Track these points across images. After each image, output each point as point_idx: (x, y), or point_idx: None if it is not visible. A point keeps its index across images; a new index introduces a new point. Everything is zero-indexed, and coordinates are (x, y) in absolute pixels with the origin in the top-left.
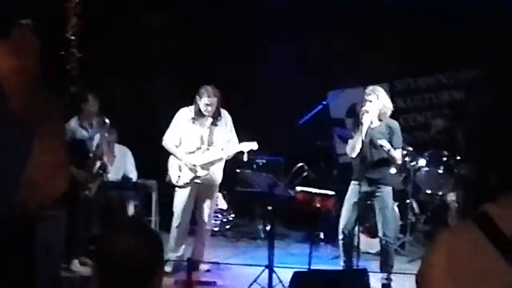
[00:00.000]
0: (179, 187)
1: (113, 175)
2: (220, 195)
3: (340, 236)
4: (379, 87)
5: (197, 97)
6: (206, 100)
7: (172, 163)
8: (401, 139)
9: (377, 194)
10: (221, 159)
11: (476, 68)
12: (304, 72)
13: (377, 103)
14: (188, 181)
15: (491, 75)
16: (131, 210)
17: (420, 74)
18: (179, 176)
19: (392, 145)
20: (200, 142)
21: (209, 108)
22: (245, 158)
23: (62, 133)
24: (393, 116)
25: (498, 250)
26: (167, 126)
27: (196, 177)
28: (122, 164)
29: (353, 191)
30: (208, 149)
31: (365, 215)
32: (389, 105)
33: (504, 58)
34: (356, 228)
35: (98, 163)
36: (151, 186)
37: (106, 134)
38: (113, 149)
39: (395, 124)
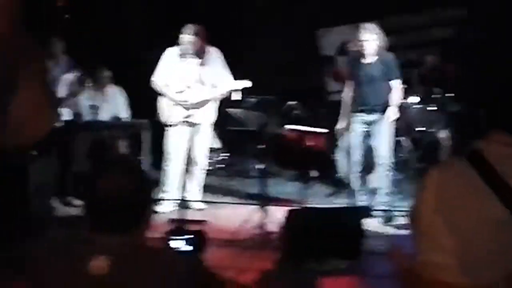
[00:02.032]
0: (170, 126)
1: (104, 114)
2: (213, 133)
3: (353, 169)
4: (372, 25)
5: (182, 34)
6: (187, 38)
7: (162, 102)
8: (398, 70)
9: (377, 122)
10: (214, 97)
11: (466, 4)
12: (294, 8)
13: (372, 41)
14: (180, 120)
15: (480, 10)
16: (122, 149)
17: (411, 11)
18: (169, 115)
19: (389, 78)
20: (190, 81)
21: (192, 46)
22: (238, 96)
23: (46, 72)
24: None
25: (489, 186)
26: (154, 64)
27: (188, 116)
28: (114, 103)
29: (358, 122)
30: (199, 87)
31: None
32: (383, 40)
33: None
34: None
35: (88, 102)
36: (142, 125)
37: (75, 73)
38: (105, 88)
39: (390, 57)
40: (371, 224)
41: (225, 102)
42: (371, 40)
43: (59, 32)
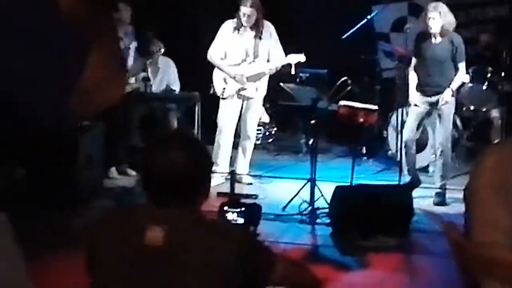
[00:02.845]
0: (224, 99)
1: (156, 86)
2: (263, 108)
3: (404, 147)
4: (441, 3)
5: (238, 8)
6: (244, 10)
7: (217, 75)
8: (464, 53)
9: (438, 104)
10: (268, 71)
11: None
12: None
13: (439, 20)
14: (234, 93)
15: None
16: (174, 121)
17: None
18: (224, 88)
19: (455, 60)
20: (245, 54)
21: (249, 19)
22: (292, 71)
23: (118, 44)
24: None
25: None
26: (211, 38)
27: (242, 89)
28: (166, 75)
29: (417, 101)
30: (254, 61)
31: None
32: (451, 20)
33: None
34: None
35: (140, 74)
36: (194, 98)
37: (135, 43)
38: (157, 60)
39: (458, 38)
40: (421, 203)
41: (277, 76)
42: (437, 19)
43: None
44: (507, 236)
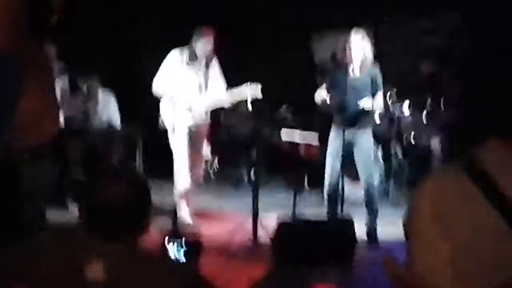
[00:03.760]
0: (173, 131)
1: (97, 120)
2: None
3: (326, 188)
4: (362, 33)
5: (194, 38)
6: (204, 41)
7: (166, 108)
8: (382, 84)
9: (359, 138)
10: (221, 103)
11: (460, 12)
12: (288, 14)
13: (360, 50)
14: (187, 127)
15: (475, 19)
16: (115, 155)
17: (405, 19)
18: (174, 121)
19: (373, 92)
20: (198, 86)
21: (207, 49)
22: (248, 102)
23: (51, 75)
24: (378, 62)
25: (484, 193)
26: (151, 69)
27: (192, 121)
28: (106, 109)
29: (335, 137)
30: (206, 92)
31: (348, 160)
32: (369, 54)
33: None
34: (340, 177)
35: (80, 108)
36: (135, 131)
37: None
38: (96, 94)
39: (376, 71)
40: (361, 233)
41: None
42: (359, 48)
43: (52, 35)
44: (445, 263)
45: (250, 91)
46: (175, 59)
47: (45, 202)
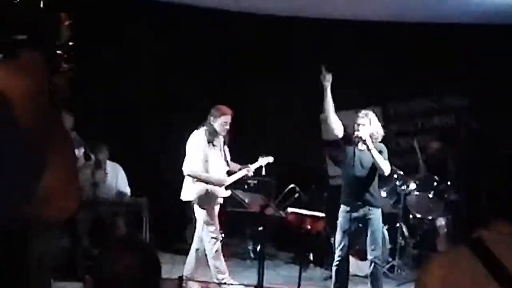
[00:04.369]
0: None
1: (105, 191)
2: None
3: (335, 262)
4: (371, 112)
5: (212, 117)
6: (225, 119)
7: (198, 187)
8: (388, 162)
9: (367, 217)
10: (248, 174)
11: (466, 94)
12: (296, 94)
13: (369, 128)
14: (217, 203)
15: (479, 101)
16: (123, 226)
17: (412, 99)
18: (208, 199)
19: (380, 170)
20: (223, 163)
21: (226, 127)
22: (263, 172)
23: (72, 148)
24: (385, 139)
25: (492, 275)
26: (157, 142)
27: (223, 197)
28: (114, 180)
29: (344, 215)
30: (228, 168)
31: (356, 238)
32: (380, 131)
33: (491, 85)
34: (348, 253)
35: (89, 179)
36: (142, 203)
37: (83, 149)
38: (105, 166)
39: (383, 147)
40: None
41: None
42: (367, 126)
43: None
44: None
45: (265, 160)
46: (200, 139)
47: (53, 274)
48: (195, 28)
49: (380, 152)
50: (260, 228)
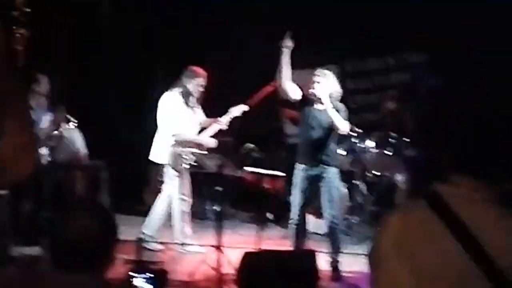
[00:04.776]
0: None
1: (63, 156)
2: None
3: (291, 220)
4: (328, 71)
5: (188, 78)
6: (201, 81)
7: (170, 150)
8: (347, 116)
9: (324, 175)
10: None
11: (424, 50)
12: (254, 52)
13: (325, 86)
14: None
15: (438, 57)
16: (81, 190)
17: (369, 56)
18: (184, 160)
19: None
20: (197, 123)
21: (201, 89)
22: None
23: (29, 113)
24: (342, 97)
25: (449, 229)
26: (117, 105)
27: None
28: (72, 145)
29: (300, 174)
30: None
31: (312, 196)
32: (338, 89)
33: (450, 39)
34: (305, 211)
35: (46, 144)
36: (100, 166)
37: (52, 115)
38: (62, 129)
39: (341, 106)
40: (324, 266)
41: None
42: (323, 84)
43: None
44: None
45: (237, 110)
46: (176, 102)
47: (11, 238)
48: None
49: (339, 111)
50: (218, 188)
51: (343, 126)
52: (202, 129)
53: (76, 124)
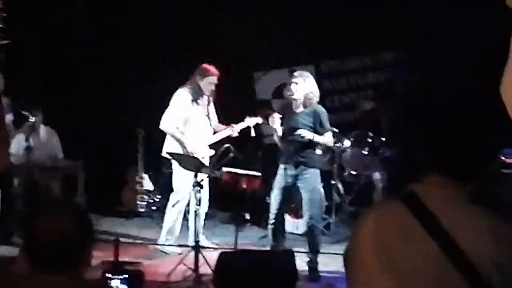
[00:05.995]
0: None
1: (39, 156)
2: (146, 176)
3: (270, 221)
4: (306, 72)
5: (199, 76)
6: (212, 79)
7: (174, 146)
8: (328, 122)
9: (303, 176)
10: (234, 135)
11: (400, 50)
12: (230, 52)
13: (303, 88)
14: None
15: (414, 57)
16: (57, 190)
17: (346, 56)
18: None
19: (318, 131)
20: (206, 123)
21: (212, 87)
22: (253, 133)
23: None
24: (319, 98)
25: (424, 227)
26: (93, 105)
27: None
28: (49, 145)
29: (281, 175)
30: (210, 128)
31: (291, 196)
32: (315, 92)
33: (427, 40)
34: (283, 212)
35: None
36: (77, 167)
37: (11, 115)
38: (39, 129)
39: (321, 109)
40: (303, 266)
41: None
42: (301, 85)
43: None
44: None
45: (252, 120)
46: (184, 98)
47: None
48: None
49: (317, 113)
50: (196, 188)
51: (328, 142)
52: (214, 132)
53: (34, 119)
